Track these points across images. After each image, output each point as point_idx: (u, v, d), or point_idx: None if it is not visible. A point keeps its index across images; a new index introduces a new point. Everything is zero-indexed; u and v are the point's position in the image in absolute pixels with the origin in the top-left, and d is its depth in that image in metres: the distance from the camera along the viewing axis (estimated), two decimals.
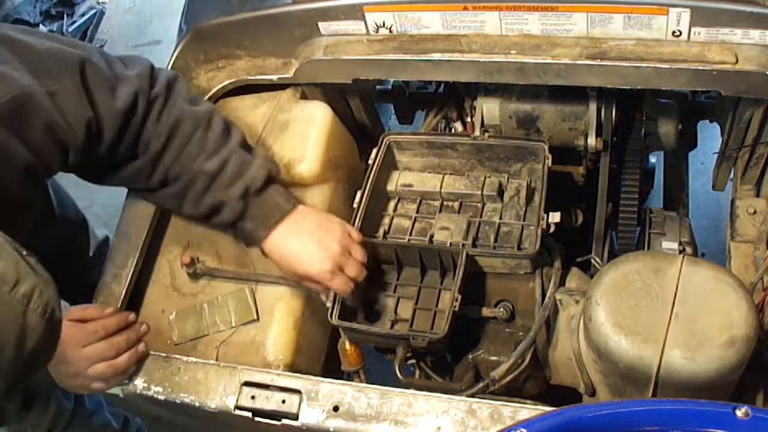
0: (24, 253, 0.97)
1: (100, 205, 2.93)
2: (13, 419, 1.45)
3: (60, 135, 1.25)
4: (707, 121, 1.87)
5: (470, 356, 1.46)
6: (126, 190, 1.60)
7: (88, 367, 1.37)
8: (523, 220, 1.52)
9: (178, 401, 1.35)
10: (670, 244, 1.54)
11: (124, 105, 1.32)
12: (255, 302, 1.50)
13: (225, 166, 1.39)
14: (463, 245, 1.45)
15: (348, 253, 1.40)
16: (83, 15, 4.06)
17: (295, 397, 1.29)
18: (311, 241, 1.39)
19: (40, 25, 3.94)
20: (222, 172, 1.38)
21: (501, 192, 1.57)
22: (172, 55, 1.68)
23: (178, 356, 1.40)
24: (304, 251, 1.39)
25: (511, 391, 1.41)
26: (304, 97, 1.74)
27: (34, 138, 1.22)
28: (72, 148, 1.28)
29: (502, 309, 1.44)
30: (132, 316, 1.46)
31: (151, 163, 1.39)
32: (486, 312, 1.45)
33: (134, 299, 1.54)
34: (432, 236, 1.51)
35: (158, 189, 1.44)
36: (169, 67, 1.68)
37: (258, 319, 1.49)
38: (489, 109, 1.69)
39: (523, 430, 0.94)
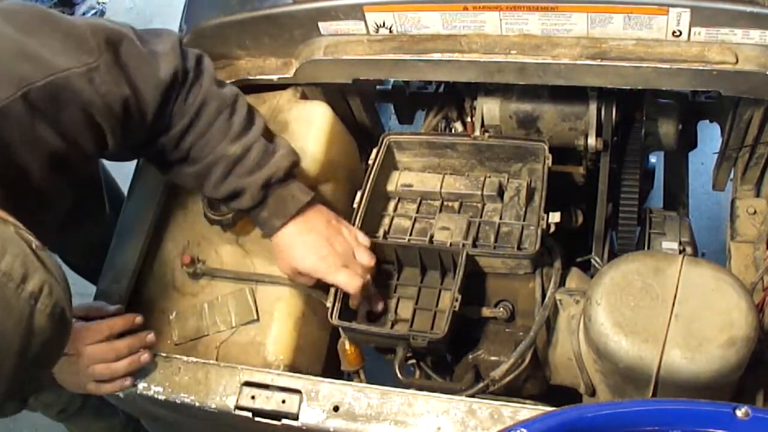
0: (34, 245, 0.91)
1: None
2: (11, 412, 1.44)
3: (96, 117, 1.20)
4: (707, 121, 1.87)
5: (470, 356, 1.46)
6: (127, 190, 1.60)
7: (88, 366, 1.36)
8: (523, 220, 1.52)
9: (178, 401, 1.35)
10: (670, 244, 1.53)
11: (165, 81, 1.29)
12: (255, 302, 1.50)
13: (248, 152, 1.37)
14: (463, 245, 1.45)
15: (353, 255, 1.42)
16: (83, 15, 4.06)
17: (295, 397, 1.29)
18: (319, 238, 1.41)
19: None
20: (245, 157, 1.37)
21: (501, 192, 1.57)
22: None
23: (178, 356, 1.41)
24: (311, 246, 1.40)
25: (511, 391, 1.41)
26: (304, 97, 1.74)
27: (68, 123, 1.17)
28: (108, 130, 1.23)
29: (502, 309, 1.44)
30: (139, 318, 1.44)
31: (174, 140, 1.36)
32: (486, 312, 1.45)
33: (134, 299, 1.54)
34: (432, 236, 1.51)
35: (177, 165, 1.41)
36: None
37: (258, 319, 1.49)
38: (489, 109, 1.69)
39: (523, 430, 0.94)
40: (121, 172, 1.53)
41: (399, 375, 1.36)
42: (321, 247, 1.40)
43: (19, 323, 0.86)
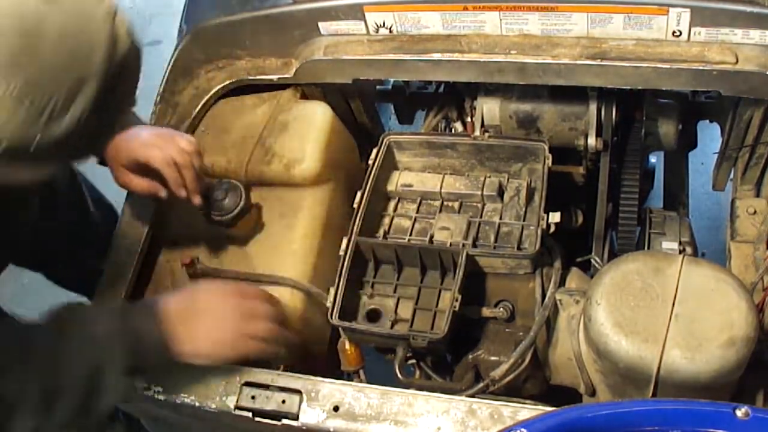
0: None
1: None
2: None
3: None
4: (707, 121, 1.87)
5: (470, 356, 1.46)
6: (126, 191, 1.60)
7: (243, 314, 1.32)
8: (523, 220, 1.52)
9: (178, 401, 1.35)
10: (670, 244, 1.53)
11: None
12: None
13: None
14: (463, 245, 1.45)
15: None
16: None
17: (295, 397, 1.29)
18: (143, 135, 1.48)
19: None
20: None
21: (501, 192, 1.57)
22: (172, 55, 1.69)
23: None
24: (133, 137, 1.47)
25: (511, 391, 1.41)
26: (304, 97, 1.74)
27: None
28: None
29: (502, 309, 1.44)
30: (276, 298, 1.43)
31: None
32: (486, 312, 1.45)
33: (135, 300, 1.53)
34: (432, 236, 1.51)
35: None
36: (169, 67, 1.69)
37: None
38: (489, 109, 1.69)
39: (523, 430, 0.94)
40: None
41: (399, 375, 1.36)
42: (142, 136, 1.47)
43: (103, 26, 0.96)
